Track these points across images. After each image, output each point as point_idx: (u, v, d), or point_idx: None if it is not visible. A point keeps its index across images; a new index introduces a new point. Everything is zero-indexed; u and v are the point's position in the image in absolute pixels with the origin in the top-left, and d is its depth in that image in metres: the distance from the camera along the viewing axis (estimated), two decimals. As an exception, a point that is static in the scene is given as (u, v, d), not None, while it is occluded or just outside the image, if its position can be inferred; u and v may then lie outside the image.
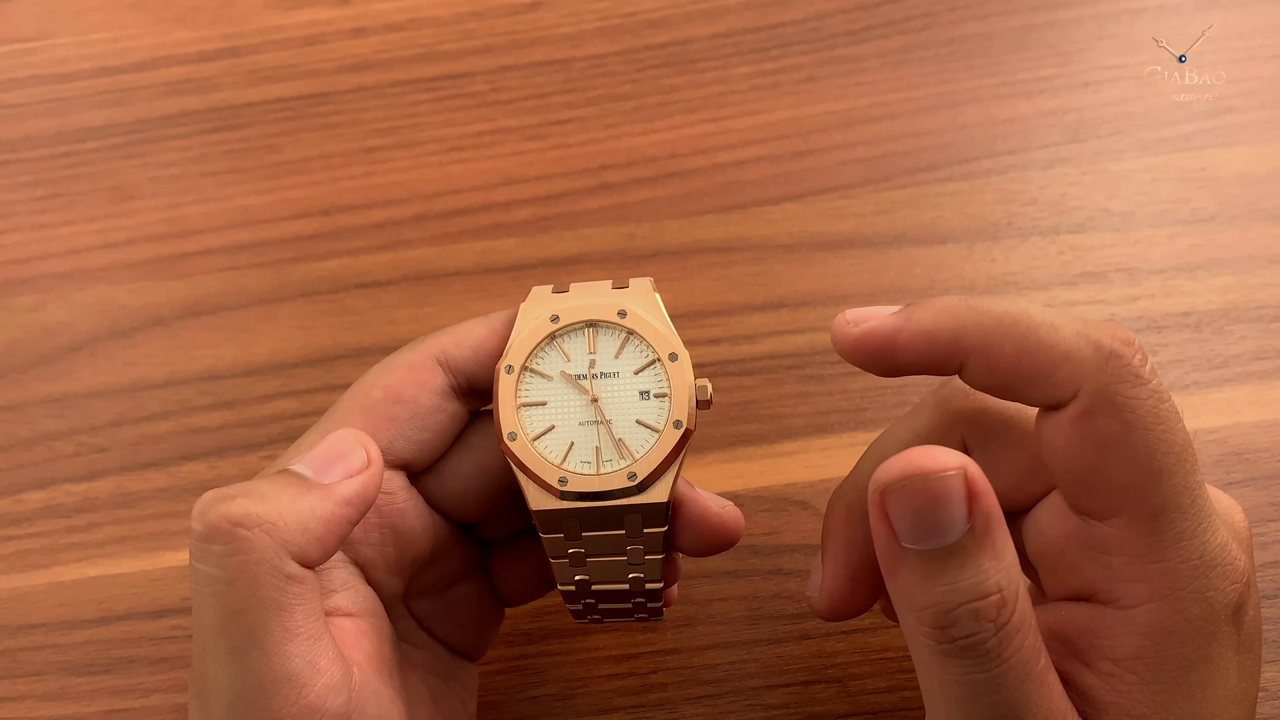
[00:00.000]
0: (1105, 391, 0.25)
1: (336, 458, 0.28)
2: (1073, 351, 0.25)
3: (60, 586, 0.40)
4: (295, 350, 0.44)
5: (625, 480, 0.29)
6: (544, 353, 0.30)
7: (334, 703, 0.26)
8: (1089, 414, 0.25)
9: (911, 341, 0.27)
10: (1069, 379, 0.25)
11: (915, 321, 0.27)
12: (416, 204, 0.47)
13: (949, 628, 0.23)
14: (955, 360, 0.26)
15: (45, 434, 0.43)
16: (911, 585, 0.24)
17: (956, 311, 0.26)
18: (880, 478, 0.23)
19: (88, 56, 0.51)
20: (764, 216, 0.45)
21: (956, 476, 0.23)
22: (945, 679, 0.24)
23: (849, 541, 0.31)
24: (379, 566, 0.30)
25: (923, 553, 0.23)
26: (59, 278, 0.46)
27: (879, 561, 0.24)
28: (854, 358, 0.28)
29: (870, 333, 0.27)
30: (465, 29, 0.51)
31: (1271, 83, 0.47)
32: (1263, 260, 0.43)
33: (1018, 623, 0.23)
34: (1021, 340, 0.25)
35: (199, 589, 0.26)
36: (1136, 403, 0.25)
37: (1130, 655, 0.25)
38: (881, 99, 0.48)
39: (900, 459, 0.23)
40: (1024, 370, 0.25)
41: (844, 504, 0.31)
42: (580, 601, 0.32)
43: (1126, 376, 0.25)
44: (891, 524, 0.23)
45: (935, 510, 0.23)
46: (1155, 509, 0.25)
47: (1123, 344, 0.25)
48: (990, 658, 0.23)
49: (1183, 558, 0.25)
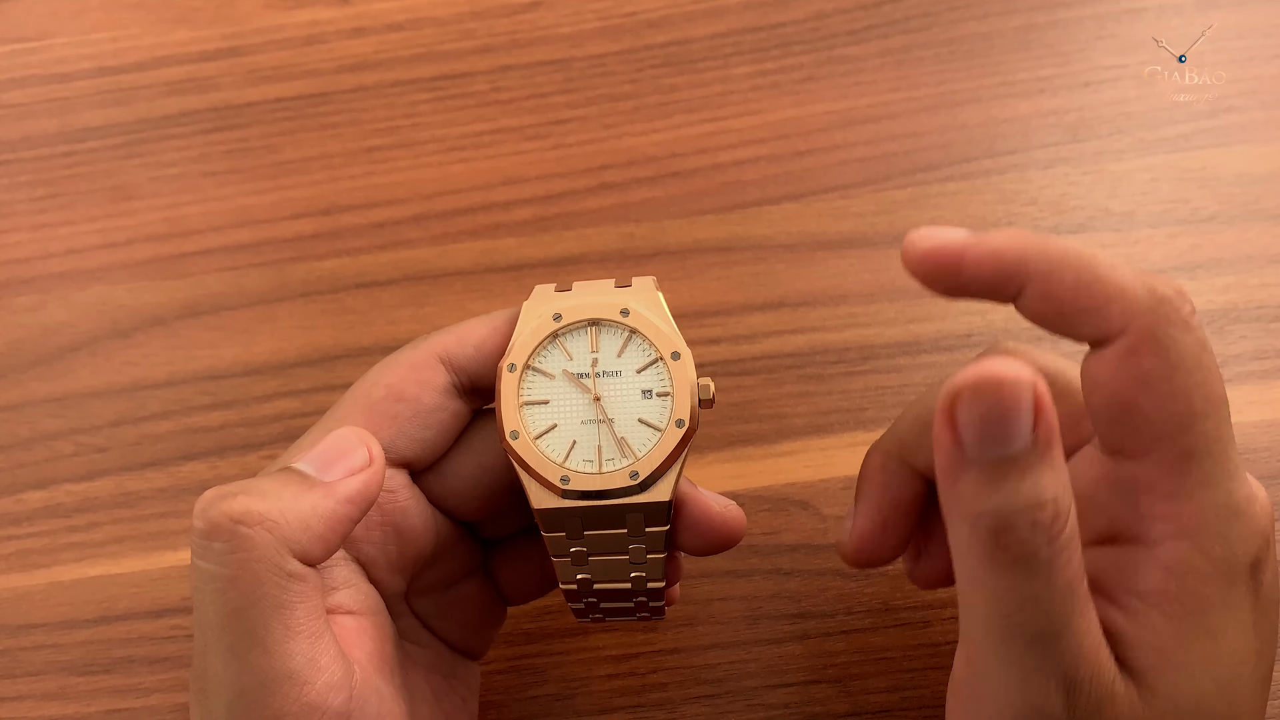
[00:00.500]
0: (1153, 330, 0.25)
1: (338, 456, 0.28)
2: (1128, 289, 0.26)
3: (60, 586, 0.40)
4: (295, 350, 0.44)
5: (627, 479, 0.29)
6: (546, 351, 0.30)
7: (335, 701, 0.26)
8: (1135, 350, 0.26)
9: (979, 259, 0.27)
10: (1120, 314, 0.26)
11: (985, 241, 0.27)
12: (416, 204, 0.47)
13: (1005, 535, 0.24)
14: (1016, 284, 0.27)
15: (45, 434, 0.43)
16: (970, 492, 0.24)
17: (1024, 238, 0.27)
18: (953, 383, 0.24)
19: (88, 56, 0.51)
20: (764, 216, 0.45)
21: (1027, 386, 0.23)
22: (994, 592, 0.24)
23: (883, 487, 0.32)
24: (381, 565, 0.30)
25: (985, 461, 0.24)
26: (59, 278, 0.46)
27: (938, 472, 0.25)
28: (920, 270, 0.28)
29: (940, 246, 0.28)
30: (465, 29, 0.51)
31: (1271, 83, 0.47)
32: (1263, 260, 0.43)
33: (1069, 537, 0.24)
34: (1082, 271, 0.26)
35: (200, 586, 0.26)
36: (1181, 345, 0.25)
37: (1153, 590, 0.26)
38: (881, 99, 0.48)
39: (974, 367, 0.23)
40: (1080, 300, 0.26)
41: (881, 452, 0.32)
42: (582, 600, 0.32)
43: (1175, 320, 0.26)
44: (958, 430, 0.24)
45: (1005, 417, 0.23)
46: (1186, 450, 0.26)
47: (1175, 292, 0.26)
48: (1042, 568, 0.24)
49: (1208, 500, 0.26)
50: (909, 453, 0.31)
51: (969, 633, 0.26)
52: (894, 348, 0.42)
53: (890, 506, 0.32)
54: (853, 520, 0.32)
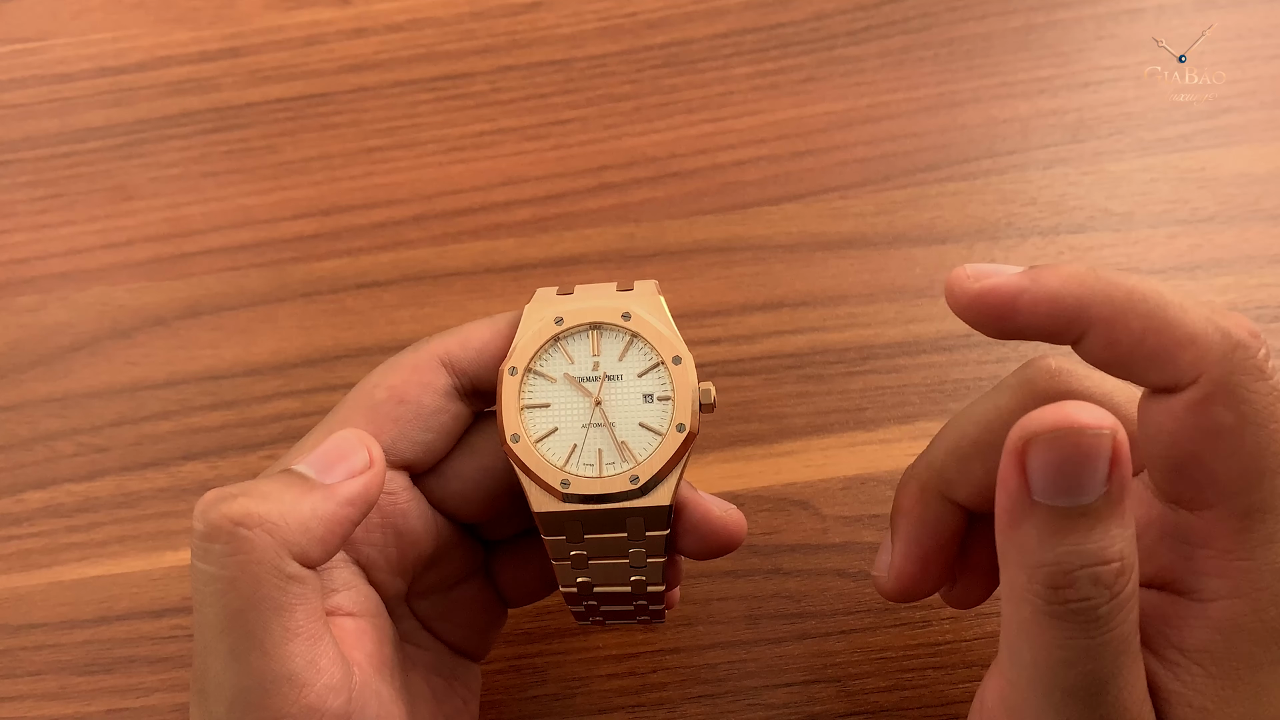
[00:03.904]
0: (1227, 381, 0.24)
1: (339, 458, 0.28)
2: (1200, 335, 0.24)
3: (61, 586, 0.40)
4: (295, 350, 0.44)
5: (628, 483, 0.29)
6: (548, 355, 0.30)
7: (334, 703, 0.26)
8: (1207, 401, 0.24)
9: (1035, 304, 0.26)
10: (1192, 363, 0.24)
11: (1042, 284, 0.26)
12: (417, 204, 0.47)
13: (1065, 589, 0.23)
14: (1077, 330, 0.26)
15: (45, 434, 0.43)
16: (1034, 540, 0.23)
17: (1085, 279, 0.25)
18: (1028, 426, 0.22)
19: (88, 56, 0.51)
20: (764, 216, 0.45)
21: (1107, 436, 0.22)
22: (1045, 641, 0.24)
23: (922, 521, 0.30)
24: (381, 566, 0.30)
25: (1053, 509, 0.23)
26: (59, 278, 0.46)
27: (999, 512, 0.24)
28: (967, 314, 0.27)
29: (992, 289, 0.26)
30: (465, 29, 0.51)
31: (1271, 83, 0.47)
32: (1262, 260, 0.43)
33: (1129, 594, 0.23)
34: (1149, 317, 0.25)
35: (200, 588, 0.26)
36: (1257, 397, 0.24)
37: (1199, 648, 0.25)
38: (881, 99, 0.48)
39: (1053, 409, 0.22)
40: (1147, 347, 0.25)
41: (917, 483, 0.30)
42: (582, 603, 0.32)
43: (1250, 369, 0.24)
44: (1027, 474, 0.23)
45: (1080, 467, 0.22)
46: (1252, 507, 0.24)
47: (1250, 335, 0.24)
48: (1098, 625, 0.23)
49: (1270, 560, 0.25)
50: (949, 485, 0.30)
51: (1008, 672, 0.25)
52: (893, 348, 0.42)
53: (930, 541, 0.30)
54: (890, 556, 0.31)
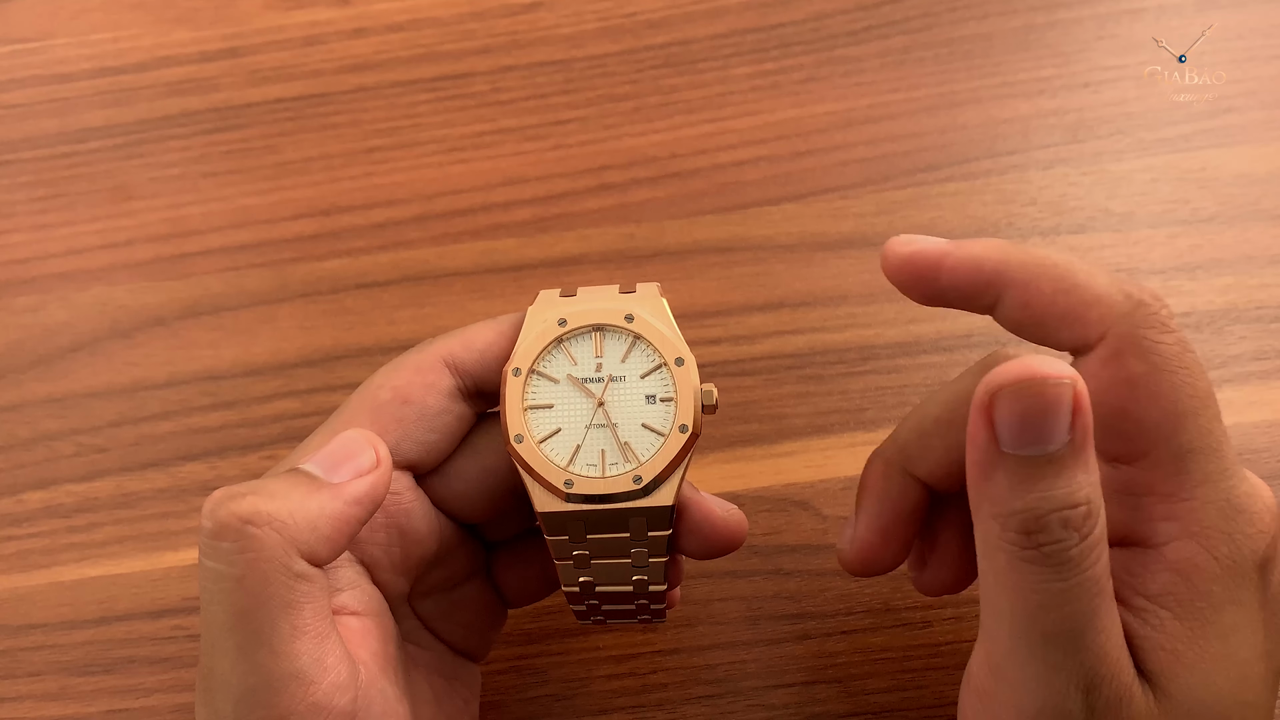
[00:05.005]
0: (1133, 334, 0.26)
1: (346, 457, 0.28)
2: (1105, 295, 0.26)
3: (60, 586, 0.40)
4: (295, 350, 0.44)
5: (630, 483, 0.29)
6: (551, 356, 0.30)
7: (340, 701, 0.26)
8: (1117, 355, 0.26)
9: (957, 266, 0.28)
10: (1099, 320, 0.26)
11: (964, 249, 0.28)
12: (417, 204, 0.47)
13: (1037, 533, 0.24)
14: (994, 291, 0.28)
15: (45, 434, 0.43)
16: (1004, 490, 0.24)
17: (1003, 246, 0.28)
18: (992, 380, 0.24)
19: (88, 57, 0.51)
20: (764, 216, 0.45)
21: (1068, 385, 0.23)
22: (1021, 586, 0.24)
23: (884, 496, 0.31)
24: (385, 566, 0.30)
25: (1020, 458, 0.24)
26: (59, 278, 0.46)
27: (969, 467, 0.25)
28: (899, 277, 0.29)
29: (919, 252, 0.28)
30: (465, 29, 0.51)
31: (1271, 83, 0.47)
32: (1262, 260, 0.43)
33: (1098, 536, 0.24)
34: (1059, 280, 0.27)
35: (208, 586, 0.26)
36: (1162, 346, 0.26)
37: (1162, 590, 0.26)
38: (881, 99, 0.48)
39: (1016, 363, 0.24)
40: (1058, 308, 0.27)
41: (882, 459, 0.32)
42: (584, 603, 0.32)
43: (1153, 323, 0.26)
44: (994, 427, 0.24)
45: (1044, 415, 0.23)
46: (1181, 449, 0.26)
47: (1151, 297, 0.27)
48: (1071, 566, 0.24)
49: (1209, 497, 0.26)
50: (911, 461, 0.31)
51: (990, 629, 0.26)
52: (893, 348, 0.42)
53: (892, 515, 0.31)
54: (853, 529, 0.32)
